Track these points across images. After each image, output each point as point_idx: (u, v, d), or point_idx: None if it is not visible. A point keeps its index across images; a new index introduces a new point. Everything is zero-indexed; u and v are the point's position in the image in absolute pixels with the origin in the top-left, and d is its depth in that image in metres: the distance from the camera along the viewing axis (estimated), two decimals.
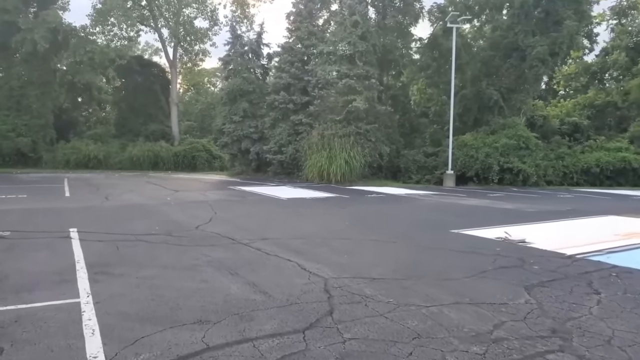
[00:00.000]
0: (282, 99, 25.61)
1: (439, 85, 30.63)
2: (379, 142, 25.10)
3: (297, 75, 25.81)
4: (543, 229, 10.12)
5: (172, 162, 35.81)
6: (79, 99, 44.48)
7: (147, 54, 59.54)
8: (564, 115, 31.72)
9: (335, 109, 24.22)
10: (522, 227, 10.15)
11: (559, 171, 25.81)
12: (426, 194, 18.86)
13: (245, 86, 27.89)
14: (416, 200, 16.43)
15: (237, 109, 27.99)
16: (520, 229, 9.95)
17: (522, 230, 9.81)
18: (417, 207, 14.08)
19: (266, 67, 30.29)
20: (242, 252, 7.34)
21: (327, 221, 10.87)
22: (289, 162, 25.87)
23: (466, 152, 25.57)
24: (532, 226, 10.40)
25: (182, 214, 11.54)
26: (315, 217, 11.65)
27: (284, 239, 8.53)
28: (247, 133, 27.80)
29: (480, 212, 13.02)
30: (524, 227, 10.17)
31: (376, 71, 25.02)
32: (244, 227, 9.80)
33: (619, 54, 36.02)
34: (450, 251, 7.69)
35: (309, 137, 24.49)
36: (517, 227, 10.14)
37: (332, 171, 23.30)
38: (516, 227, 10.26)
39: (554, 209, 13.76)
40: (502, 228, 10.04)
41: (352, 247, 7.86)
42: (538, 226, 10.43)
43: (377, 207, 13.99)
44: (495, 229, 9.88)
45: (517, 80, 26.82)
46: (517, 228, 10.04)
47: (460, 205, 14.52)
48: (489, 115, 27.51)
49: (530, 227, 10.31)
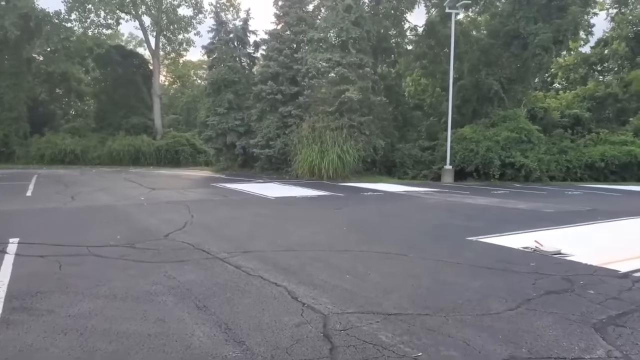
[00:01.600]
0: (270, 89, 23.97)
1: (435, 75, 29.18)
2: (373, 136, 23.62)
3: (285, 64, 24.18)
4: (574, 235, 8.69)
5: (154, 157, 34.01)
6: (58, 91, 42.34)
7: (131, 45, 57.46)
8: (564, 107, 30.47)
9: (327, 100, 22.66)
10: (549, 234, 8.73)
11: (562, 166, 24.54)
12: (427, 192, 17.42)
13: (230, 76, 26.19)
14: (417, 199, 14.97)
15: (221, 100, 26.29)
16: (548, 235, 8.52)
17: (550, 236, 8.38)
18: (420, 208, 12.62)
19: (253, 55, 28.58)
20: (217, 272, 5.81)
21: (322, 226, 9.35)
22: (277, 157, 24.28)
23: (465, 146, 24.18)
24: (560, 232, 8.97)
25: (154, 218, 9.95)
26: (307, 221, 10.12)
27: (270, 251, 7.02)
28: (232, 126, 26.13)
29: (492, 213, 11.59)
30: (551, 233, 8.74)
31: (370, 59, 23.48)
32: (223, 234, 8.26)
33: (619, 43, 34.88)
34: (476, 268, 6.22)
35: (298, 130, 22.92)
36: (544, 233, 8.71)
37: (323, 167, 21.78)
38: (542, 232, 8.83)
39: (572, 208, 12.39)
40: (525, 234, 8.62)
41: (354, 262, 6.35)
42: (567, 232, 9.01)
43: (376, 208, 12.49)
44: (519, 236, 8.45)
45: (519, 69, 25.46)
46: (544, 234, 8.61)
47: (467, 205, 13.08)
48: (488, 106, 26.14)
49: (558, 233, 8.88)
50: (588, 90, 33.69)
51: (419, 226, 9.49)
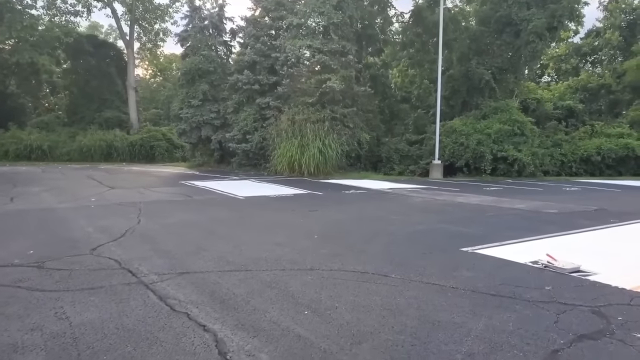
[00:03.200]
0: (246, 79, 22.32)
1: (422, 65, 27.73)
2: (357, 129, 22.11)
3: (263, 52, 22.52)
4: (589, 244, 7.28)
5: (127, 153, 32.16)
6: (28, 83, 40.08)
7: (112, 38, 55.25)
8: (557, 99, 29.22)
9: (307, 90, 21.11)
10: (558, 242, 7.31)
11: (557, 160, 23.27)
12: (414, 189, 15.99)
13: (205, 65, 24.46)
14: (404, 197, 13.51)
15: (195, 91, 24.57)
16: (558, 244, 7.11)
17: (560, 245, 6.97)
18: (407, 209, 11.15)
19: (229, 44, 26.82)
20: (131, 307, 4.30)
21: (289, 234, 7.83)
22: (255, 151, 22.67)
23: (455, 139, 22.79)
24: (571, 239, 7.55)
25: (91, 225, 8.37)
26: (274, 227, 8.59)
27: (215, 271, 5.52)
28: (207, 119, 24.44)
29: (487, 215, 10.17)
30: (560, 242, 7.33)
31: (353, 47, 21.91)
32: (165, 247, 6.72)
33: (612, 33, 33.74)
34: (476, 295, 4.75)
35: (277, 123, 21.34)
36: (552, 242, 7.29)
37: (304, 162, 20.24)
38: (550, 240, 7.41)
39: (577, 208, 11.01)
40: (531, 243, 7.20)
41: (319, 289, 4.85)
42: (578, 239, 7.59)
43: (357, 209, 11.00)
44: (523, 245, 7.02)
45: (511, 58, 24.09)
46: (552, 243, 7.19)
47: (459, 206, 11.65)
48: (478, 97, 24.76)
49: (569, 240, 7.47)
50: (581, 81, 32.54)
51: (404, 233, 8.01)
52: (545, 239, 7.42)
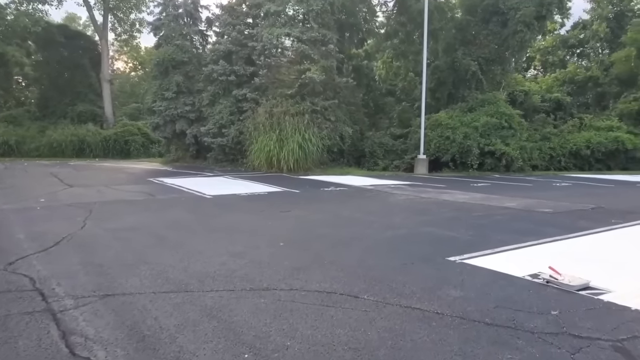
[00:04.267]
0: (222, 70, 21.13)
1: (407, 56, 26.75)
2: (339, 122, 21.09)
3: (239, 41, 21.33)
4: (594, 250, 6.37)
5: (100, 148, 30.72)
6: None
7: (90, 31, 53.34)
8: (544, 91, 28.51)
9: (286, 81, 20.03)
10: (558, 248, 6.39)
11: (545, 154, 22.52)
12: (398, 186, 15.05)
13: (179, 56, 23.20)
14: (386, 195, 12.55)
15: (169, 83, 23.31)
16: (558, 251, 6.19)
17: (562, 253, 6.05)
18: (388, 209, 10.18)
19: (205, 33, 25.55)
20: (17, 352, 3.24)
21: (252, 241, 6.80)
22: (231, 146, 21.52)
23: (440, 133, 21.90)
24: (572, 244, 6.64)
25: (26, 231, 7.27)
26: (236, 232, 7.56)
27: (147, 292, 4.51)
28: (182, 112, 23.21)
29: (476, 215, 9.24)
30: (561, 248, 6.41)
31: (335, 36, 20.83)
32: (100, 259, 5.67)
33: (599, 24, 33.14)
34: (467, 324, 3.78)
35: (254, 116, 20.23)
36: (552, 248, 6.37)
37: (282, 157, 19.18)
38: (548, 246, 6.49)
39: (572, 206, 10.15)
40: (527, 250, 6.27)
41: (271, 318, 3.84)
42: (581, 244, 6.69)
43: (333, 210, 9.99)
44: (519, 253, 6.10)
45: (498, 49, 23.23)
46: (552, 250, 6.27)
47: (445, 204, 10.71)
48: (465, 89, 23.89)
49: (570, 246, 6.56)
50: (568, 73, 31.90)
51: (383, 239, 7.03)
52: (543, 245, 6.50)
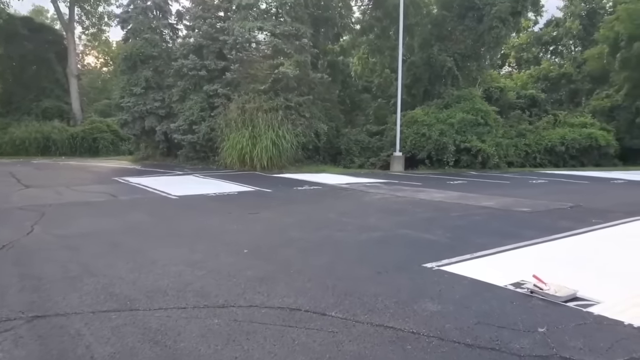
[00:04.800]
0: (192, 64, 20.37)
1: (383, 52, 26.40)
2: (314, 119, 20.59)
3: (210, 35, 20.59)
4: (577, 254, 6.03)
5: (67, 146, 29.52)
6: None
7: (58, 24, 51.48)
8: (519, 88, 28.55)
9: (259, 76, 19.42)
10: (540, 252, 6.04)
11: (521, 150, 22.46)
12: (373, 184, 14.65)
13: (148, 50, 22.32)
14: (361, 194, 12.12)
15: (137, 78, 22.41)
16: (540, 254, 5.84)
17: (544, 257, 5.69)
18: (363, 209, 9.75)
19: (175, 27, 24.67)
20: None
21: (213, 247, 6.27)
22: (202, 143, 20.80)
23: (417, 130, 21.61)
24: (554, 247, 6.30)
25: None
26: (198, 236, 7.01)
27: (86, 312, 3.97)
28: (151, 108, 22.36)
29: (453, 215, 8.88)
30: (542, 252, 6.06)
31: (309, 30, 20.29)
32: (39, 271, 5.09)
33: (572, 21, 33.44)
34: (446, 345, 3.35)
35: (225, 112, 19.55)
36: (533, 252, 6.02)
37: (255, 155, 18.59)
38: (529, 249, 6.14)
39: (551, 205, 9.88)
40: (507, 254, 5.90)
41: (222, 347, 3.32)
42: (563, 247, 6.35)
43: (306, 211, 9.49)
44: (499, 258, 5.73)
45: (474, 44, 23.05)
46: (533, 252, 5.92)
47: (421, 203, 10.33)
48: (441, 86, 23.66)
49: (552, 248, 6.22)
50: (542, 70, 32.09)
51: (356, 243, 6.58)
52: (524, 249, 6.14)
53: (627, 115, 26.14)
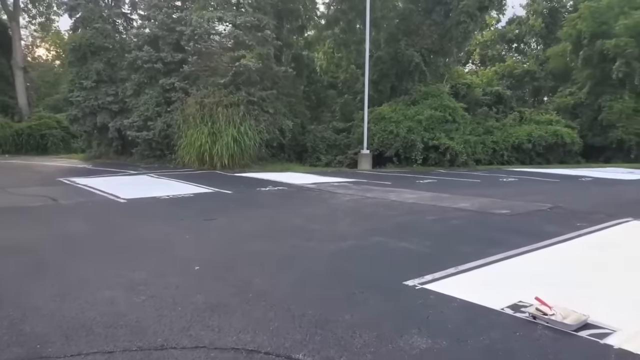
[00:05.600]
0: (147, 57, 19.07)
1: (349, 46, 25.70)
2: (278, 114, 19.67)
3: (166, 25, 19.33)
4: (574, 266, 5.39)
5: (12, 143, 27.48)
6: None
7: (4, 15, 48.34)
8: (485, 84, 28.46)
9: (219, 69, 18.34)
10: (532, 262, 5.39)
11: (489, 148, 22.24)
12: (341, 184, 13.89)
13: (99, 41, 20.81)
14: (330, 196, 11.32)
15: (88, 71, 20.88)
16: (535, 268, 5.16)
17: (540, 271, 5.01)
18: (332, 213, 8.95)
19: (129, 16, 23.21)
20: None
21: (158, 264, 5.33)
22: (158, 140, 19.55)
23: (384, 127, 21.02)
24: (546, 257, 5.67)
25: None
26: (142, 249, 6.04)
27: None
28: (103, 103, 20.89)
29: (429, 220, 8.20)
30: (535, 262, 5.41)
31: (272, 21, 19.33)
32: None
33: (535, 19, 33.72)
34: None
35: (183, 107, 18.39)
36: (523, 262, 5.36)
37: (216, 153, 17.53)
38: (519, 260, 5.48)
39: (529, 206, 9.35)
40: (496, 267, 5.21)
41: None
42: (556, 257, 5.72)
43: (269, 216, 8.60)
44: (488, 272, 5.03)
45: (441, 39, 22.63)
46: (524, 263, 5.25)
47: (394, 206, 9.62)
48: (408, 82, 23.15)
49: (545, 259, 5.57)
50: (507, 67, 32.19)
51: (326, 255, 5.76)
52: (514, 259, 5.47)
53: (589, 112, 26.44)
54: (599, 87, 26.28)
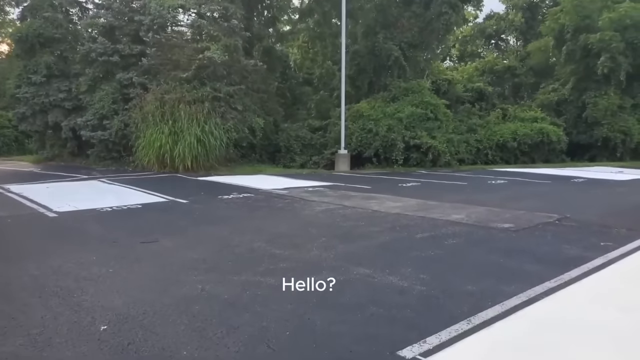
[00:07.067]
0: (102, 49, 17.27)
1: (324, 39, 24.25)
2: (248, 112, 18.08)
3: (124, 14, 17.57)
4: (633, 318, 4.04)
5: None
6: None
7: None
8: (466, 80, 27.34)
9: (181, 62, 16.69)
10: (566, 312, 3.98)
11: (472, 147, 21.08)
12: (317, 189, 12.43)
13: (49, 31, 18.84)
14: (302, 205, 9.83)
15: (37, 64, 18.91)
16: (578, 326, 3.75)
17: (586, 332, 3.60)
18: (303, 230, 7.47)
19: (84, 5, 21.21)
20: None
21: (54, 318, 3.77)
22: (115, 141, 17.75)
23: (362, 125, 19.67)
24: (579, 302, 4.31)
25: None
26: (45, 291, 4.45)
27: None
28: (55, 100, 18.96)
29: (420, 238, 6.81)
30: (570, 311, 4.02)
31: (240, 11, 17.70)
32: None
33: (515, 13, 32.86)
34: None
35: (142, 105, 16.65)
36: (553, 310, 3.95)
37: (177, 154, 15.89)
38: (546, 307, 4.08)
39: (534, 218, 8.02)
40: (516, 318, 3.79)
41: None
42: (597, 297, 4.38)
43: (223, 235, 7.02)
44: (509, 329, 3.59)
45: (421, 32, 21.36)
46: (556, 316, 3.83)
47: (376, 219, 8.18)
48: (387, 77, 21.84)
49: (577, 306, 4.20)
50: (487, 63, 31.18)
51: (283, 299, 4.26)
52: (540, 303, 4.09)
53: (573, 109, 25.56)
54: (583, 83, 25.42)
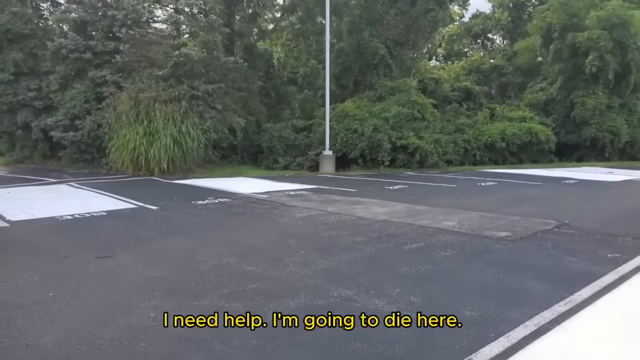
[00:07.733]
0: (74, 45, 16.38)
1: (308, 37, 23.59)
2: (228, 111, 17.35)
3: (96, 9, 16.68)
4: None
5: None
6: None
7: None
8: (453, 80, 26.88)
9: (156, 60, 15.88)
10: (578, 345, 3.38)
11: (460, 147, 20.58)
12: (299, 192, 11.75)
13: (17, 27, 17.84)
14: (282, 211, 9.14)
15: (4, 61, 17.90)
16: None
17: None
18: (280, 241, 6.78)
19: (56, 0, 20.29)
20: None
21: None
22: (87, 142, 16.86)
23: (348, 125, 19.04)
24: (598, 336, 3.70)
25: None
26: None
27: None
28: (24, 99, 17.97)
29: (410, 250, 6.18)
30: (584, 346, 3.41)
31: (219, 6, 16.95)
32: None
33: (501, 12, 32.55)
34: None
35: (116, 104, 15.81)
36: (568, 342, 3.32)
37: (153, 156, 15.07)
38: (557, 339, 3.46)
39: (530, 225, 7.44)
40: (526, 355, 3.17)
41: None
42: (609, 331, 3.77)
43: (189, 250, 6.24)
44: None
45: (408, 30, 20.81)
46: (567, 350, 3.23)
47: (361, 227, 7.53)
48: (373, 76, 21.28)
49: (605, 336, 3.59)
50: (474, 62, 30.82)
51: (248, 336, 3.59)
52: (551, 334, 3.47)
53: (561, 109, 25.25)
54: (570, 82, 25.11)
